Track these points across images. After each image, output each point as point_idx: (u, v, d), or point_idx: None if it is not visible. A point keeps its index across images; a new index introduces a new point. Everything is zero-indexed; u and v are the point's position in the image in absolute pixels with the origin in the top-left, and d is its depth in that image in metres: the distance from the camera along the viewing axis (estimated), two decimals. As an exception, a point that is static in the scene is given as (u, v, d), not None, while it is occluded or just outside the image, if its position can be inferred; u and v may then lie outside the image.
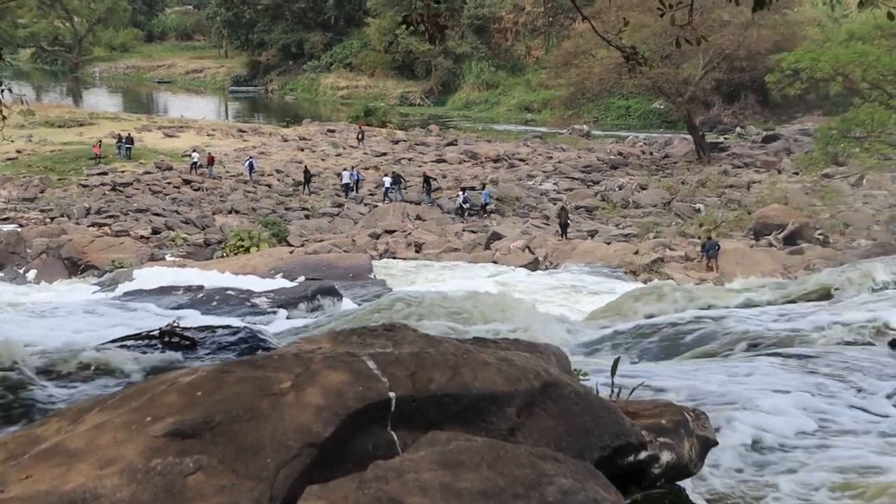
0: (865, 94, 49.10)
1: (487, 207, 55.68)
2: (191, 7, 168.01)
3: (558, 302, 32.27)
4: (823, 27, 75.93)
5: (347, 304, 26.35)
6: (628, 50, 12.67)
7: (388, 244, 46.46)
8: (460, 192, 57.19)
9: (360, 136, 79.02)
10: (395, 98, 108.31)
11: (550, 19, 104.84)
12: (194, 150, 66.27)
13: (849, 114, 47.35)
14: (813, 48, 51.05)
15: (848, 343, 18.78)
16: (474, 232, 50.08)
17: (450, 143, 78.19)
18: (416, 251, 45.91)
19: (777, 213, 49.33)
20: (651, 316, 24.05)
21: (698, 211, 54.85)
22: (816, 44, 53.68)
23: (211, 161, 64.26)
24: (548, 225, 52.13)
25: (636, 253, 43.20)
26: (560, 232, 48.72)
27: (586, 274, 39.20)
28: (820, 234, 47.98)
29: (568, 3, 45.17)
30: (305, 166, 64.00)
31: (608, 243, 46.19)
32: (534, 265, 41.93)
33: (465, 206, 55.50)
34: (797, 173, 60.70)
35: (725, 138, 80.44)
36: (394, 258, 43.86)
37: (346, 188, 60.91)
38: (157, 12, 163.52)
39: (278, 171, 65.70)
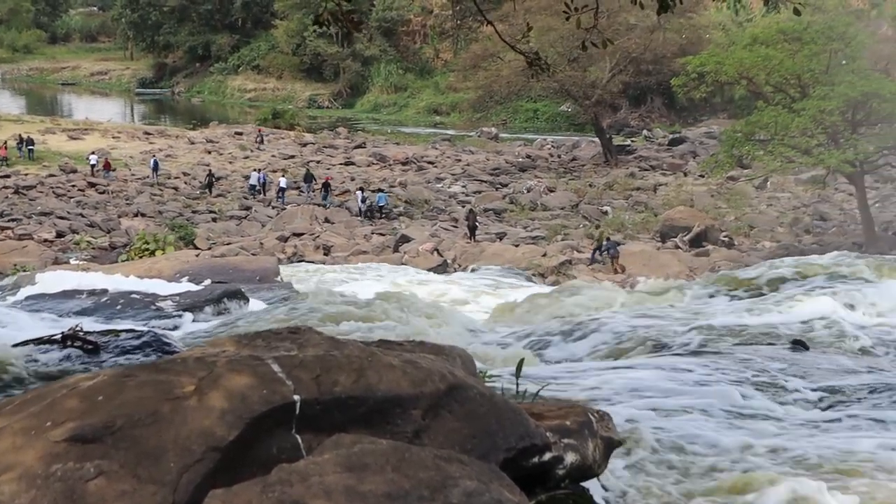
0: (769, 98, 49.72)
1: (383, 210, 55.62)
2: (95, 8, 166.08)
3: (466, 304, 32.33)
4: (728, 31, 76.96)
5: (254, 307, 26.15)
6: (531, 55, 12.71)
7: (297, 247, 46.30)
8: (358, 192, 57.23)
9: (258, 139, 78.52)
10: (304, 100, 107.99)
11: (458, 22, 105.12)
12: (92, 153, 65.54)
13: (753, 117, 47.92)
14: (717, 52, 51.54)
15: (751, 343, 19.03)
16: (383, 234, 50.08)
17: (358, 146, 78.10)
18: (325, 254, 45.81)
19: (683, 216, 49.87)
20: (558, 317, 24.19)
21: (606, 213, 55.29)
22: (721, 47, 54.24)
23: (107, 166, 63.49)
24: (456, 227, 52.26)
25: (544, 255, 43.45)
26: (469, 234, 48.86)
27: (494, 276, 39.31)
28: (725, 237, 48.60)
29: (474, 7, 45.29)
30: (209, 168, 63.54)
31: (516, 246, 46.41)
32: (442, 267, 42.02)
33: (363, 205, 55.51)
34: (703, 176, 61.41)
35: (632, 141, 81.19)
36: (302, 261, 43.71)
37: (254, 190, 60.64)
38: (60, 13, 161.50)
39: (185, 174, 65.21)
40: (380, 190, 58.51)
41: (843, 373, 15.70)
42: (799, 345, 18.30)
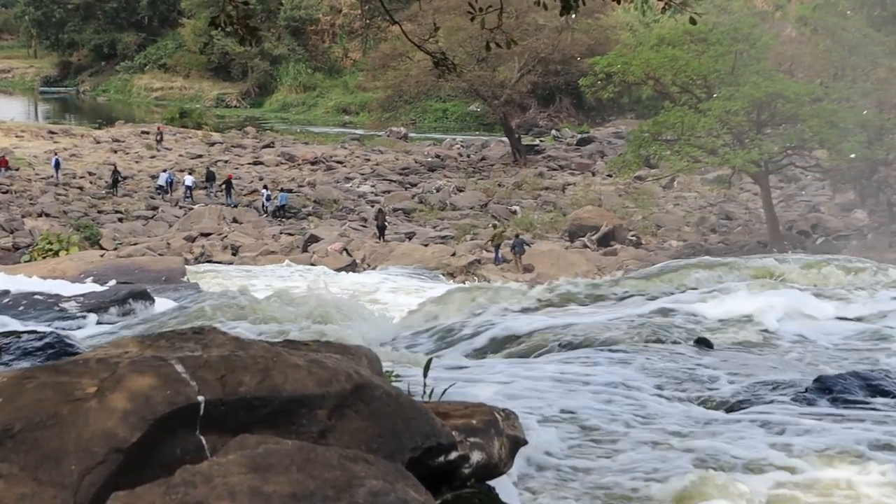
0: (676, 98, 50.23)
1: (285, 210, 55.35)
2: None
3: (375, 303, 32.30)
4: (635, 31, 77.55)
5: (160, 307, 25.93)
6: (438, 55, 12.70)
7: (204, 247, 45.95)
8: (262, 190, 57.01)
9: (158, 137, 77.66)
10: (211, 100, 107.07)
11: (367, 22, 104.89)
12: (-9, 153, 64.55)
13: (660, 117, 48.37)
14: (625, 52, 51.93)
15: (657, 342, 19.20)
16: (292, 234, 49.87)
17: (267, 146, 77.62)
18: (233, 254, 45.53)
19: (591, 215, 50.22)
20: (467, 316, 24.24)
21: (515, 213, 55.48)
22: (628, 48, 54.61)
23: (3, 164, 62.39)
24: (366, 227, 52.19)
25: (453, 255, 43.56)
26: (378, 234, 48.83)
27: (404, 276, 39.37)
28: (633, 236, 49.00)
29: (385, 6, 45.17)
30: (114, 167, 62.77)
31: (425, 245, 46.47)
32: (351, 267, 42.00)
33: (268, 204, 55.29)
34: (611, 175, 61.82)
35: (541, 141, 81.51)
36: (210, 261, 43.42)
37: (162, 190, 60.07)
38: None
39: (91, 174, 64.36)
40: (281, 190, 58.19)
41: (745, 371, 15.90)
42: (703, 343, 18.50)
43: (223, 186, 58.77)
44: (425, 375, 9.34)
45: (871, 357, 18.71)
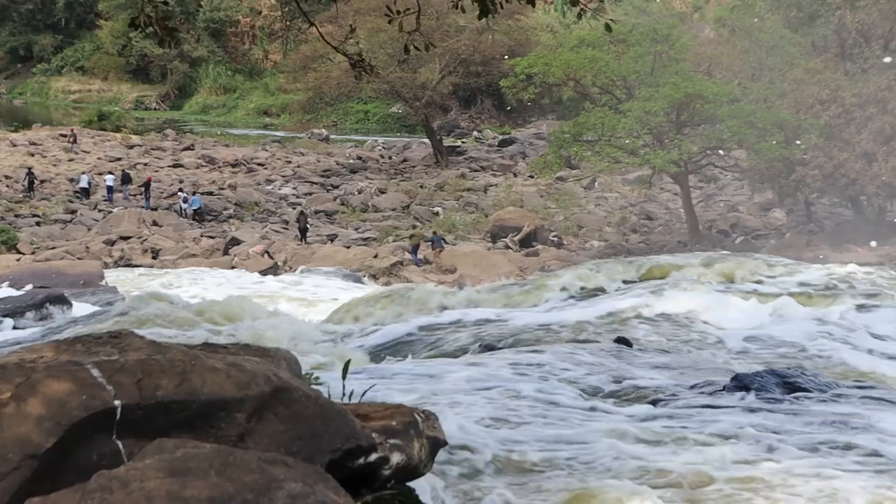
0: (596, 99, 50.52)
1: (198, 213, 54.98)
2: None
3: (297, 306, 32.20)
4: (555, 33, 77.94)
5: (78, 311, 25.71)
6: (355, 57, 12.67)
7: (124, 251, 45.54)
8: (179, 193, 56.64)
9: (71, 140, 76.73)
10: (130, 102, 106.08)
11: (287, 23, 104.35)
12: None
13: (580, 118, 48.61)
14: (545, 53, 52.15)
15: (577, 341, 19.30)
16: (213, 237, 49.54)
17: (187, 148, 77.04)
18: (153, 257, 45.17)
19: (513, 216, 50.38)
20: (388, 317, 24.25)
21: (437, 214, 55.53)
22: (549, 49, 54.92)
23: None
24: (287, 230, 52.03)
25: (376, 256, 43.52)
26: (299, 236, 48.70)
27: (326, 278, 39.27)
28: (555, 236, 49.23)
29: (305, 7, 44.96)
30: (29, 170, 61.97)
31: (348, 247, 46.41)
32: (273, 270, 41.82)
33: (185, 205, 54.94)
34: (532, 176, 62.08)
35: (463, 142, 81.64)
36: (129, 265, 43.05)
37: (84, 193, 59.41)
38: None
39: (7, 178, 63.52)
40: (195, 192, 57.78)
41: (664, 369, 16.02)
42: (622, 342, 18.63)
43: (142, 189, 58.25)
44: (344, 377, 9.31)
45: (787, 354, 18.99)
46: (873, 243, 41.84)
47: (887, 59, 47.04)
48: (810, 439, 11.78)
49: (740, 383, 14.24)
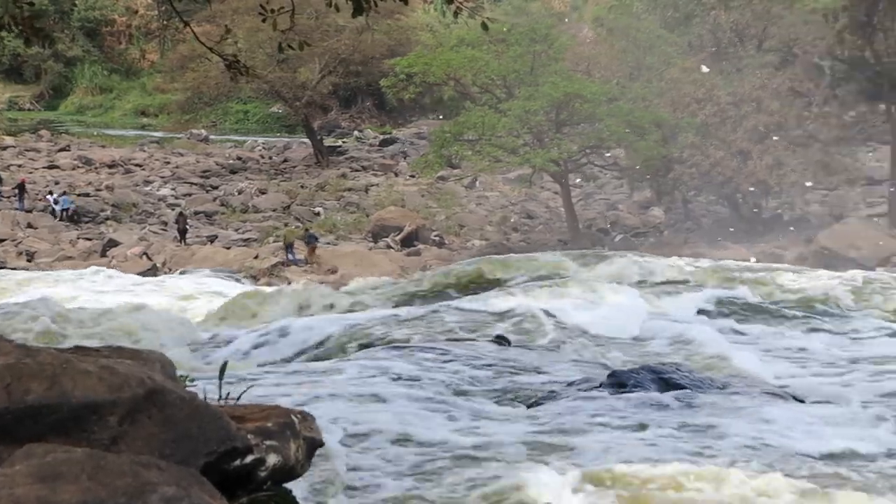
0: (476, 98, 50.71)
1: (67, 213, 54.08)
2: None
3: (174, 308, 31.82)
4: (435, 32, 77.95)
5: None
6: (230, 57, 12.56)
7: (-2, 253, 44.68)
8: (49, 195, 55.71)
9: None
10: (3, 103, 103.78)
11: (165, 23, 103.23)
12: None
13: (461, 117, 48.79)
14: (425, 53, 52.19)
15: (457, 339, 19.36)
16: (90, 239, 48.78)
17: (62, 149, 75.66)
18: (29, 260, 44.33)
19: (394, 216, 50.37)
20: (268, 319, 24.10)
21: (318, 214, 55.30)
22: (429, 49, 54.92)
23: None
24: (166, 231, 51.44)
25: (256, 257, 43.24)
26: (179, 238, 48.15)
27: (205, 279, 38.91)
28: (436, 236, 49.29)
29: (181, 7, 44.55)
30: None
31: (228, 248, 46.05)
32: (152, 271, 41.37)
33: (56, 206, 54.06)
34: (413, 176, 62.08)
35: (343, 142, 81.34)
36: (3, 267, 42.21)
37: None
38: None
39: None
40: (64, 193, 56.82)
41: (543, 367, 16.14)
42: (502, 340, 18.71)
43: (16, 191, 57.11)
44: (221, 379, 9.22)
45: (663, 351, 19.26)
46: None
47: None
48: (683, 433, 11.99)
49: (617, 380, 14.41)
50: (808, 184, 47.04)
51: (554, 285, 25.65)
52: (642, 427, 12.26)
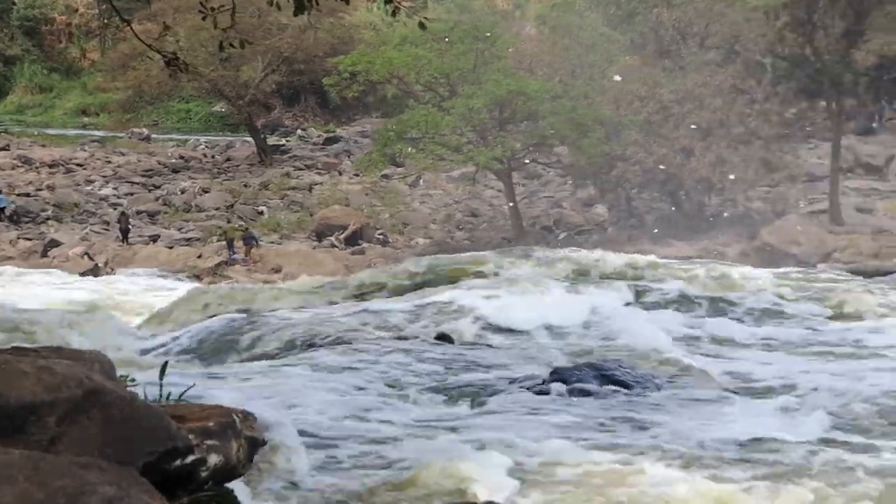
0: (420, 97, 50.70)
1: (4, 213, 53.56)
2: None
3: (115, 308, 31.58)
4: (379, 31, 77.87)
5: None
6: (169, 55, 12.45)
7: (-65, 255, 44.23)
8: None
9: None
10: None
11: (105, 21, 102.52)
12: None
13: (404, 116, 48.75)
14: (368, 51, 52.07)
15: (399, 338, 19.35)
16: (30, 239, 48.38)
17: (2, 149, 75.04)
18: (-33, 261, 43.94)
19: (338, 215, 50.30)
20: (211, 318, 23.96)
21: (261, 213, 55.13)
22: (372, 47, 54.79)
23: None
24: (108, 231, 51.09)
25: (199, 257, 43.08)
26: (121, 237, 47.81)
27: (147, 279, 38.72)
28: (380, 234, 49.28)
29: (122, 6, 44.21)
30: None
31: (171, 248, 45.83)
32: (94, 271, 41.08)
33: None
34: (357, 174, 61.94)
35: (287, 141, 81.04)
36: (-59, 268, 41.81)
37: None
38: None
39: None
40: (0, 192, 56.30)
41: (485, 365, 16.16)
42: (444, 339, 18.69)
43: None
44: (161, 379, 9.16)
45: (606, 347, 19.36)
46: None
47: None
48: (622, 429, 12.10)
49: (560, 377, 14.47)
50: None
51: (497, 283, 25.70)
52: (583, 423, 12.36)
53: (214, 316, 24.15)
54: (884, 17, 49.36)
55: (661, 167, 45.69)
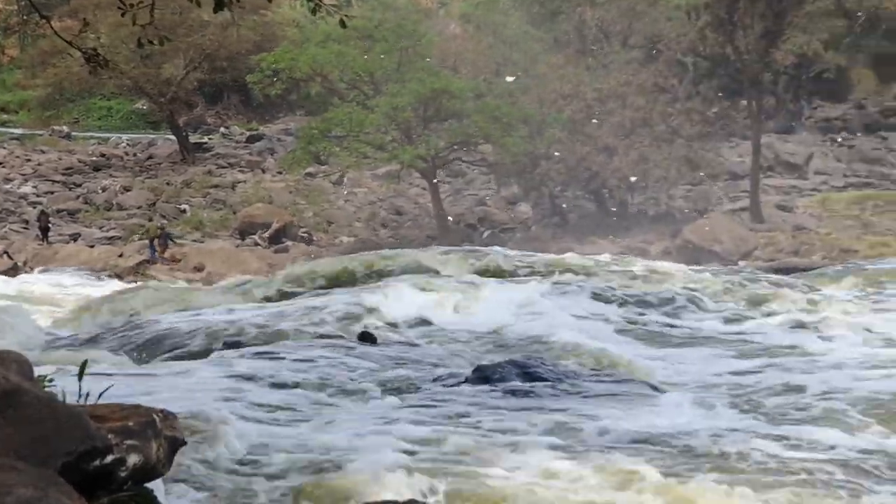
0: (344, 95, 50.59)
1: None
2: None
3: (34, 307, 31.20)
4: (302, 28, 77.54)
5: None
6: (89, 51, 12.30)
7: None
8: None
9: None
10: None
11: (24, 18, 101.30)
12: None
13: (328, 114, 48.67)
14: (291, 49, 51.86)
15: (322, 337, 19.31)
16: (-53, 239, 47.78)
17: (-84, 149, 74.02)
18: None
19: (262, 213, 50.09)
20: (131, 317, 23.77)
21: (184, 212, 54.72)
22: (295, 44, 54.57)
23: None
24: (28, 229, 50.57)
25: (121, 255, 42.70)
26: (41, 236, 47.30)
27: (68, 277, 38.34)
28: (304, 233, 49.11)
29: (41, 2, 43.69)
30: None
31: (92, 246, 45.44)
32: (13, 271, 40.65)
33: None
34: (281, 173, 61.66)
35: (210, 138, 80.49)
36: None
37: None
38: None
39: None
40: None
41: (409, 364, 16.17)
42: (367, 337, 18.65)
43: None
44: (80, 378, 9.03)
45: (528, 344, 19.45)
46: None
47: None
48: (542, 426, 12.18)
49: (482, 374, 14.53)
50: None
51: (420, 281, 25.70)
52: (504, 420, 12.45)
53: (135, 315, 24.00)
54: (802, 16, 50.00)
55: (585, 165, 45.93)
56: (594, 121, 46.80)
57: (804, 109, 65.65)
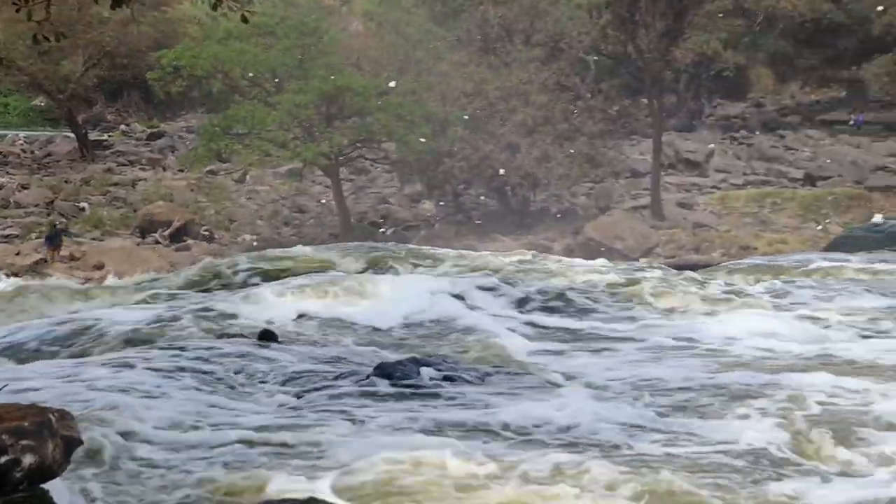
0: (246, 92, 50.27)
1: None
2: None
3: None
4: (203, 25, 76.92)
5: None
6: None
7: None
8: None
9: None
10: None
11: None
12: None
13: (230, 111, 48.39)
14: (192, 46, 51.44)
15: (221, 336, 19.19)
16: None
17: None
18: None
19: (162, 211, 49.59)
20: (29, 316, 23.44)
21: (83, 210, 54.01)
22: (196, 41, 54.12)
23: None
24: (-80, 229, 49.57)
25: (18, 254, 42.08)
26: (-66, 235, 46.48)
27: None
28: (206, 231, 48.73)
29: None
30: None
31: (-13, 245, 44.68)
32: None
33: None
34: (182, 170, 61.12)
35: (110, 136, 79.52)
36: None
37: None
38: None
39: None
40: None
41: (311, 362, 16.14)
42: (268, 336, 18.56)
43: None
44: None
45: (431, 341, 19.50)
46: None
47: None
48: (444, 421, 12.25)
49: (383, 371, 14.57)
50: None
51: (322, 280, 25.62)
52: (404, 417, 12.50)
53: (30, 314, 23.66)
54: (703, 15, 50.64)
55: (487, 163, 46.09)
56: (497, 119, 46.99)
57: (704, 108, 66.56)
